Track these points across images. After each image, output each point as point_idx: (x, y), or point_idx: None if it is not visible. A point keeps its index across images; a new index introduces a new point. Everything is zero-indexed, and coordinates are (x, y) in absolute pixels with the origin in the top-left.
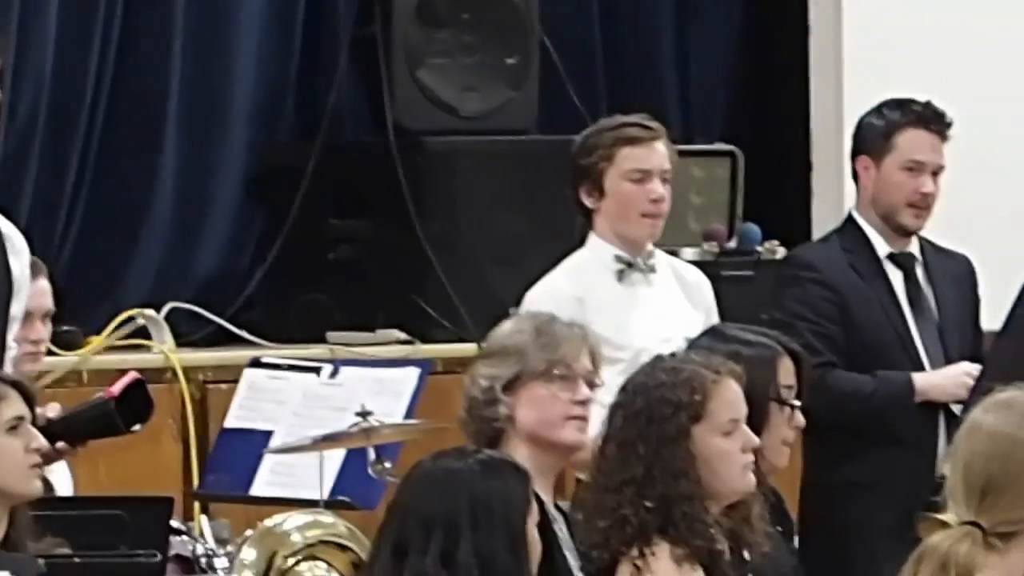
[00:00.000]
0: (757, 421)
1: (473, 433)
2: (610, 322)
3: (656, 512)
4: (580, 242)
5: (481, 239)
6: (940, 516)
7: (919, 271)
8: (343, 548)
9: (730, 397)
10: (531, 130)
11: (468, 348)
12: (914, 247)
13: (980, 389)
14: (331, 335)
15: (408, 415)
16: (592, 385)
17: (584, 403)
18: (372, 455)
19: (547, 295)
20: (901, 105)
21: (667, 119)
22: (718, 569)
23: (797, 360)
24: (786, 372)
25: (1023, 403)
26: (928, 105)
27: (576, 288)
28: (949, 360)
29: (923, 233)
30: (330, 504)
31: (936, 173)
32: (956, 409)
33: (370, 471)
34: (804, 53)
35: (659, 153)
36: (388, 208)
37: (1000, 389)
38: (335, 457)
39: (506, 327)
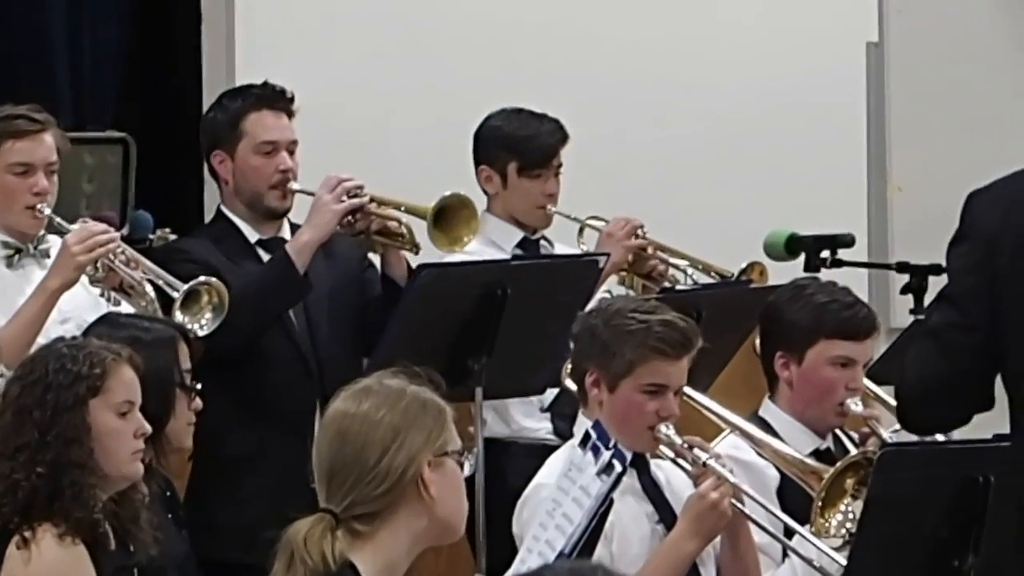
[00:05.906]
0: (164, 408)
1: None
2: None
3: (47, 479)
4: None
5: None
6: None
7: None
8: None
9: (128, 379)
10: None
11: None
12: (285, 231)
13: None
14: None
15: None
16: None
17: None
18: None
19: None
20: (241, 92)
21: (58, 105)
22: (100, 546)
23: (188, 342)
24: (184, 355)
25: (374, 385)
26: (267, 85)
27: None
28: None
29: None
30: None
31: (291, 150)
32: None
33: None
34: (197, 39)
35: (45, 145)
36: None
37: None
38: None
39: None
